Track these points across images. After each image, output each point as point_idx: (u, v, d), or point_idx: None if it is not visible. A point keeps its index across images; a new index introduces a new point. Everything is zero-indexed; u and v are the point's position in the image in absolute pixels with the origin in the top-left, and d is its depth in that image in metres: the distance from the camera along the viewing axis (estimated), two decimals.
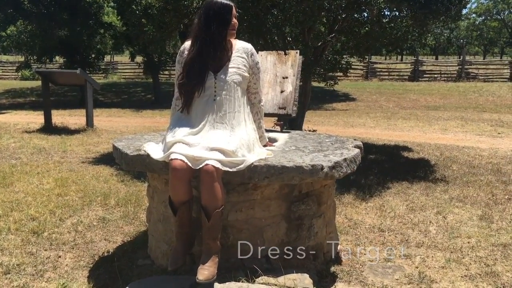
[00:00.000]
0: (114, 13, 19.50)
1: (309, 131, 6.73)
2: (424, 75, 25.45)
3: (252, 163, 2.50)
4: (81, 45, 16.06)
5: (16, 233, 3.59)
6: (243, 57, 2.70)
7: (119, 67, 29.46)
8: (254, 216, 2.71)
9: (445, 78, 25.18)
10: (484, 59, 42.07)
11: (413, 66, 26.03)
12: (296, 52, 3.76)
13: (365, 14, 6.76)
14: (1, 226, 3.70)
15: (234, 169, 2.44)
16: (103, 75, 25.65)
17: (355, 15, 6.58)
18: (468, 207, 4.38)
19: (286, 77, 3.65)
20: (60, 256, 3.25)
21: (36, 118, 11.02)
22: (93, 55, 18.00)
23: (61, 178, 5.19)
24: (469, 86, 21.75)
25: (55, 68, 21.62)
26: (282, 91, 3.61)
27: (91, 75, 18.20)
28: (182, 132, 2.57)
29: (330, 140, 3.21)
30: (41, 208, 4.14)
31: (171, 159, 2.41)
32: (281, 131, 3.52)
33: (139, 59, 26.27)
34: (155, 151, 2.63)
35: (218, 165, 2.39)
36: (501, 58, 52.17)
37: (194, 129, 2.58)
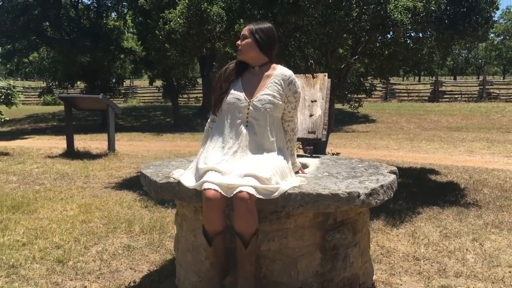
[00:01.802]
0: (133, 38, 19.86)
1: (332, 154, 6.62)
2: (444, 96, 25.20)
3: (286, 191, 2.41)
4: (102, 70, 16.29)
5: (41, 262, 3.53)
6: (280, 85, 2.63)
7: (138, 91, 29.84)
8: (287, 246, 2.59)
9: (466, 99, 24.89)
10: (503, 79, 41.55)
11: (432, 87, 25.82)
12: (324, 75, 3.69)
13: (388, 36, 6.68)
14: (26, 255, 3.64)
15: (269, 197, 2.35)
16: (123, 99, 25.97)
17: (378, 37, 6.51)
18: (505, 234, 4.19)
19: (315, 101, 3.57)
20: (86, 287, 3.17)
21: (58, 143, 11.10)
22: (113, 80, 18.24)
23: (85, 204, 5.15)
24: (491, 107, 21.42)
25: (77, 93, 21.98)
26: (311, 115, 3.52)
27: (112, 99, 18.42)
28: (214, 159, 2.49)
29: (364, 166, 3.10)
30: (65, 236, 4.09)
31: (205, 189, 2.33)
32: (311, 156, 3.42)
33: (158, 83, 26.63)
34: (187, 178, 2.56)
35: (253, 191, 2.31)
36: None
37: (226, 155, 2.50)
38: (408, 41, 5.77)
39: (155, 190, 2.70)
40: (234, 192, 2.31)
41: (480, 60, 55.80)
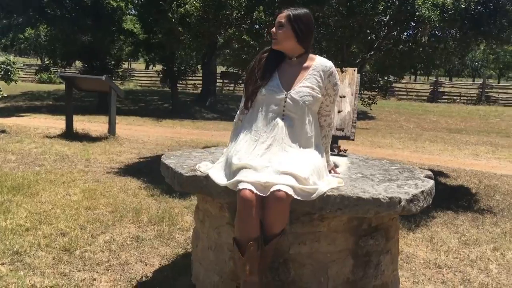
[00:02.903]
0: (132, 20, 19.45)
1: (339, 151, 6.45)
2: (443, 97, 25.13)
3: (325, 193, 2.24)
4: (101, 51, 15.94)
5: (46, 250, 3.35)
6: (319, 76, 2.45)
7: (135, 75, 29.44)
8: (318, 250, 2.44)
9: (465, 101, 24.84)
10: (498, 83, 41.51)
11: (432, 87, 25.73)
12: (354, 70, 3.51)
13: (405, 33, 6.51)
14: (31, 241, 3.46)
15: (307, 199, 2.19)
16: (120, 81, 25.58)
17: (397, 34, 6.34)
18: None
19: (344, 96, 3.40)
20: (95, 279, 3.00)
21: (55, 123, 10.84)
22: (112, 62, 17.89)
23: (88, 190, 4.95)
24: (489, 110, 21.39)
25: (73, 72, 21.62)
26: (339, 111, 3.36)
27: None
28: (247, 153, 2.32)
29: (397, 168, 2.94)
30: (71, 223, 3.90)
31: (239, 189, 2.15)
32: (338, 154, 3.26)
33: (157, 68, 26.23)
34: (216, 173, 2.38)
35: (291, 191, 2.14)
36: None
37: (260, 149, 2.32)
38: (427, 40, 5.59)
39: (179, 183, 2.52)
40: (271, 190, 2.15)
41: (477, 63, 55.71)
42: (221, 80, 24.39)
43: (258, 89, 2.45)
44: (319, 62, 2.49)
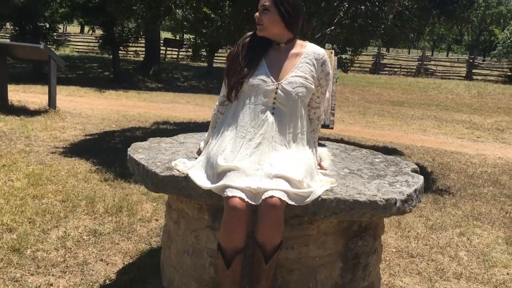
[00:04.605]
0: None
1: None
2: (385, 69, 25.63)
3: (320, 196, 2.05)
4: (35, 13, 14.77)
5: None
6: (312, 65, 2.22)
7: (71, 39, 27.81)
8: (307, 255, 2.26)
9: (405, 73, 25.47)
10: (432, 55, 42.78)
11: (374, 59, 26.14)
12: (331, 52, 3.30)
13: (363, 7, 6.37)
14: None
15: (301, 203, 1.99)
16: (54, 46, 24.07)
17: (356, 9, 6.18)
18: (487, 227, 4.13)
19: None
20: (51, 284, 2.69)
21: None
22: (47, 25, 16.69)
23: (33, 174, 4.52)
24: (428, 83, 22.05)
25: (4, 37, 20.08)
26: None
27: None
28: (233, 153, 2.07)
29: (381, 161, 2.79)
30: (17, 216, 3.51)
31: (228, 196, 1.92)
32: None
33: (95, 32, 24.82)
34: (197, 174, 2.12)
35: (285, 197, 1.94)
36: (447, 55, 53.73)
37: (248, 148, 2.08)
38: (393, 17, 5.48)
39: (154, 183, 2.25)
40: (263, 197, 1.93)
41: (412, 34, 57.39)
42: (164, 48, 23.51)
43: (244, 78, 2.18)
44: (310, 50, 2.25)
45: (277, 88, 2.16)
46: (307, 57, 2.23)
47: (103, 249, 3.17)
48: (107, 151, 5.71)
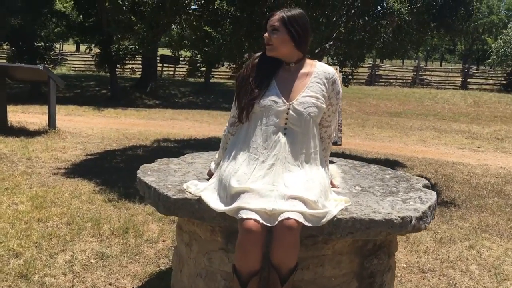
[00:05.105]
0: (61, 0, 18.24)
1: None
2: (381, 80, 25.75)
3: (335, 216, 2.03)
4: (33, 34, 14.83)
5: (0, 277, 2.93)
6: (323, 84, 2.21)
7: (68, 58, 27.87)
8: (323, 275, 2.24)
9: (400, 84, 25.60)
10: (425, 65, 43.10)
11: (370, 70, 26.28)
12: (336, 69, 3.30)
13: (361, 21, 6.41)
14: None
15: (317, 224, 1.97)
16: (51, 65, 24.11)
17: (354, 23, 6.21)
18: (496, 239, 4.11)
19: None
20: None
21: None
22: (43, 44, 16.73)
23: (37, 196, 4.48)
24: (424, 93, 22.13)
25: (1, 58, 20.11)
26: None
27: None
28: (247, 175, 2.06)
29: (391, 177, 2.78)
30: (23, 240, 3.47)
31: (242, 219, 1.90)
32: None
33: (91, 51, 24.87)
34: (211, 197, 2.11)
35: (301, 219, 1.92)
36: (440, 65, 54.04)
37: (261, 170, 2.07)
38: (393, 31, 5.51)
39: (166, 207, 2.22)
40: (279, 219, 1.91)
41: (410, 46, 57.75)
42: (160, 64, 23.58)
43: (255, 100, 2.18)
44: (320, 69, 2.25)
45: (288, 109, 2.15)
46: (317, 76, 2.23)
47: (111, 272, 3.13)
48: (110, 171, 5.68)
